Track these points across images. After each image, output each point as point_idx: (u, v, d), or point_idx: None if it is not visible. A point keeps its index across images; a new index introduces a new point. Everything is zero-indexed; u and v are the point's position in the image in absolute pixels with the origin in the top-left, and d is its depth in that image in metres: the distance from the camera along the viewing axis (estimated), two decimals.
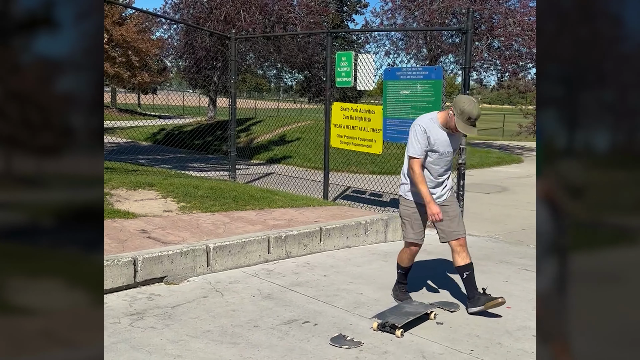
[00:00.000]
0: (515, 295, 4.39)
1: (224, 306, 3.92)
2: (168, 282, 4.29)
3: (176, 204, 5.73)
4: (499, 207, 8.55)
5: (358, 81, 7.70)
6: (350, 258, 5.23)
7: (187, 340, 3.36)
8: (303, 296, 4.18)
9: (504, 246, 6.05)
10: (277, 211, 5.89)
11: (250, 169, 11.44)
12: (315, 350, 3.29)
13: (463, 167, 6.58)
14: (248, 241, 4.78)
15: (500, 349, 3.41)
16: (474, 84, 20.45)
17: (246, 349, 3.26)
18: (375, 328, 3.59)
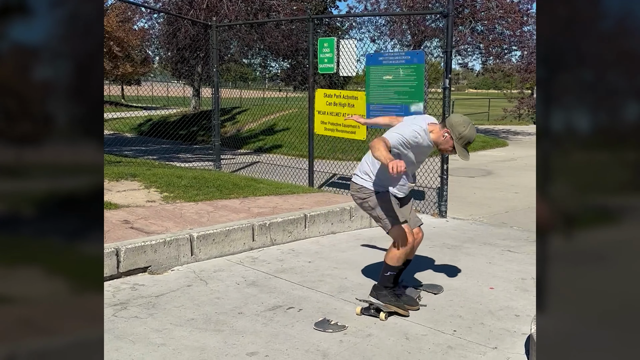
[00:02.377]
0: (499, 276, 4.43)
1: (208, 294, 3.92)
2: (152, 272, 4.28)
3: (159, 194, 5.70)
4: (484, 191, 8.60)
5: (341, 67, 7.69)
6: (335, 244, 5.25)
7: (171, 328, 3.36)
8: (288, 282, 4.19)
9: (487, 228, 6.09)
10: (262, 199, 5.89)
11: (236, 159, 11.40)
12: (300, 335, 3.31)
13: None
14: (232, 229, 4.77)
15: (483, 328, 3.45)
16: (459, 68, 20.49)
17: (230, 336, 3.27)
18: (359, 312, 3.61)
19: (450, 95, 6.82)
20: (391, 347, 3.17)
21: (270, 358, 3.01)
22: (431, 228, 6.02)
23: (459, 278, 4.37)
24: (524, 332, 3.37)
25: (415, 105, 6.66)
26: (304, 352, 3.08)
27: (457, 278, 4.37)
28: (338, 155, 11.21)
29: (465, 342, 3.26)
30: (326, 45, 7.63)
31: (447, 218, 6.59)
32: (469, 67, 18.45)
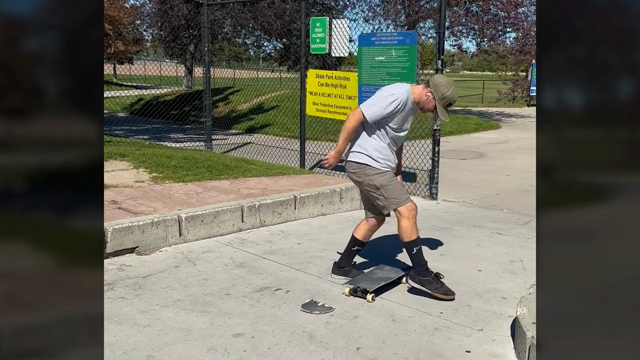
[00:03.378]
0: (487, 258, 4.44)
1: (195, 275, 3.91)
2: (139, 253, 4.26)
3: (148, 174, 5.66)
4: (475, 173, 8.60)
5: (333, 48, 7.62)
6: (325, 225, 5.24)
7: (157, 309, 3.35)
8: (276, 264, 4.19)
9: (477, 211, 6.10)
10: (252, 180, 5.86)
11: (228, 139, 11.35)
12: (286, 316, 3.31)
13: (438, 133, 6.59)
14: (221, 210, 4.75)
15: (470, 310, 3.46)
16: (454, 50, 20.36)
17: (217, 317, 3.26)
18: (347, 293, 3.61)
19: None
20: (377, 329, 3.17)
21: (256, 339, 3.01)
22: (421, 210, 6.01)
23: (447, 260, 4.38)
24: (510, 315, 3.39)
25: None
26: (290, 334, 3.09)
27: (444, 260, 4.38)
28: (330, 137, 11.16)
29: (451, 324, 3.27)
30: (318, 25, 7.55)
31: (438, 200, 6.59)
32: (463, 48, 18.33)
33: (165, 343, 2.95)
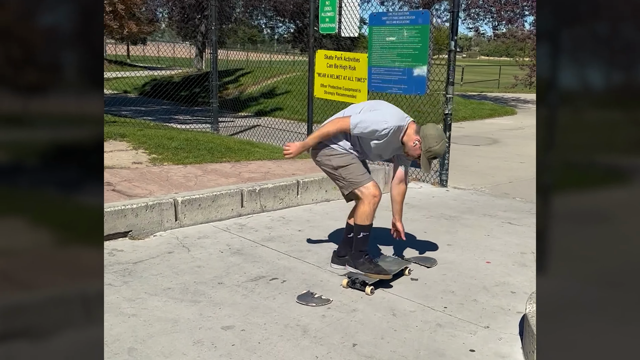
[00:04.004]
0: (496, 249, 4.22)
1: (189, 262, 3.74)
2: (133, 237, 4.10)
3: (147, 155, 5.49)
4: (488, 160, 8.34)
5: (343, 27, 7.36)
6: (329, 212, 5.04)
7: (144, 298, 3.18)
8: (274, 252, 4.00)
9: (489, 199, 5.87)
10: (254, 163, 5.67)
11: (235, 122, 11.15)
12: (280, 308, 3.12)
13: (449, 117, 6.34)
14: (219, 194, 4.57)
15: (476, 305, 3.26)
16: (471, 33, 19.90)
17: (207, 308, 3.09)
18: (345, 285, 3.42)
19: (456, 59, 6.50)
20: (376, 324, 2.98)
21: (246, 333, 2.83)
22: (430, 198, 5.80)
23: (455, 251, 4.17)
24: (519, 311, 3.18)
25: (418, 68, 6.35)
26: (282, 327, 2.90)
27: (452, 251, 4.17)
28: None
29: (455, 319, 3.07)
30: (328, 3, 7.29)
31: (448, 187, 6.36)
32: (480, 31, 17.88)
33: (149, 334, 2.78)
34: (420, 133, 3.36)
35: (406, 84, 6.48)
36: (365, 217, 3.38)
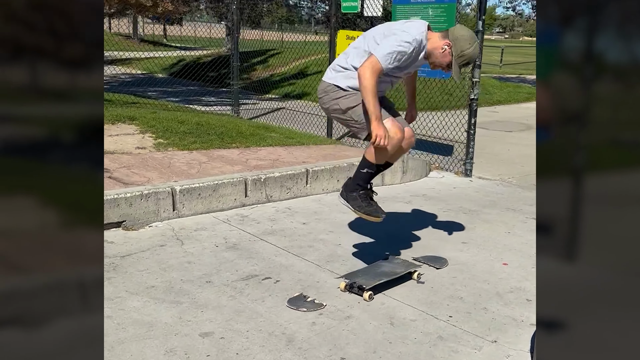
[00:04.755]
0: (516, 249, 3.87)
1: (180, 257, 3.51)
2: (126, 228, 3.90)
3: (153, 140, 5.28)
4: (520, 147, 7.89)
5: (365, 6, 6.99)
6: (338, 203, 4.72)
7: (124, 297, 2.97)
8: (273, 247, 3.75)
9: (515, 191, 5.47)
10: (264, 150, 5.40)
11: (260, 104, 10.90)
12: (268, 313, 2.87)
13: (475, 103, 5.94)
14: (221, 183, 4.33)
15: (485, 315, 2.94)
16: (509, 12, 19.08)
17: (188, 310, 2.86)
18: (343, 289, 3.13)
19: (489, 39, 6.08)
20: (370, 335, 2.70)
21: (225, 341, 2.59)
22: (451, 189, 5.45)
23: (469, 250, 3.84)
24: (532, 322, 2.85)
25: None
26: (266, 336, 2.65)
27: (466, 250, 3.83)
28: None
29: (460, 331, 2.77)
30: None
31: (472, 177, 5.98)
32: (517, 11, 17.09)
33: (119, 340, 2.56)
34: (450, 36, 2.93)
35: None
36: (377, 154, 2.98)
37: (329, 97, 3.07)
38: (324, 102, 3.11)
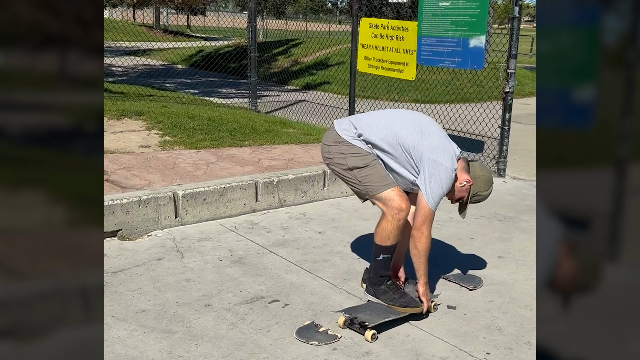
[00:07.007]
0: None
1: (177, 274, 3.12)
2: (123, 237, 3.52)
3: (159, 137, 4.89)
4: None
5: None
6: (358, 208, 4.30)
7: (109, 325, 2.58)
8: (283, 261, 3.33)
9: None
10: (279, 148, 4.98)
11: (280, 96, 10.47)
12: (272, 347, 2.46)
13: (510, 97, 5.42)
14: (229, 187, 3.92)
15: (529, 352, 2.48)
16: None
17: (181, 342, 2.46)
18: (342, 325, 2.66)
19: (520, 27, 5.55)
20: None
21: None
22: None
23: (506, 266, 3.37)
24: None
25: (475, 39, 5.45)
26: None
27: (503, 266, 3.37)
28: (393, 96, 10.05)
29: None
30: None
31: (506, 178, 5.49)
32: None
33: None
34: (472, 173, 2.70)
35: (461, 56, 5.60)
36: (387, 236, 2.64)
37: (338, 148, 2.70)
38: (331, 151, 2.74)
